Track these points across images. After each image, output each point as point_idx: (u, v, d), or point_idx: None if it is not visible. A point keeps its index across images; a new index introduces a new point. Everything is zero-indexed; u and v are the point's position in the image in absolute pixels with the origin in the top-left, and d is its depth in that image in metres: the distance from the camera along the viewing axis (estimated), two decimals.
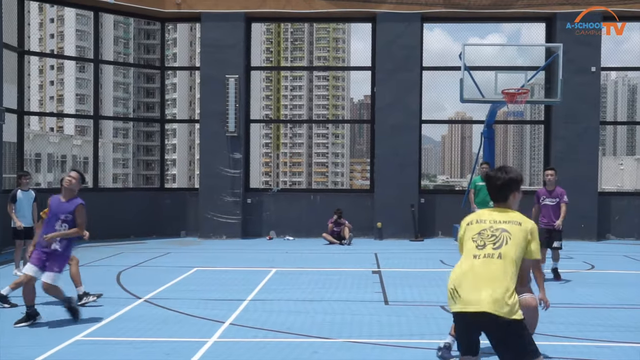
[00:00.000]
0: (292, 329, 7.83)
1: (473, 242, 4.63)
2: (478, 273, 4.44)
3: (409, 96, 18.41)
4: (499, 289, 4.32)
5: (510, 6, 18.34)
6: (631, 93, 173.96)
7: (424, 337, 7.50)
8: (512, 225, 4.60)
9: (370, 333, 7.67)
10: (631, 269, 13.16)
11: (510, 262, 4.44)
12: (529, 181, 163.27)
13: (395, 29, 18.37)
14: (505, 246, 4.49)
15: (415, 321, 8.29)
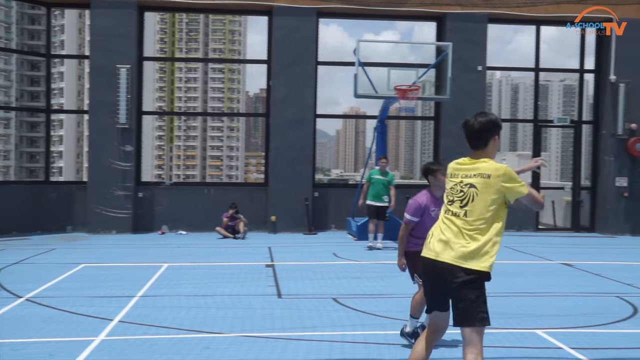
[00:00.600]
0: (184, 324, 7.69)
1: (447, 197, 4.78)
2: (445, 228, 4.64)
3: (304, 90, 18.47)
4: (458, 243, 4.50)
5: (403, 4, 18.69)
6: (514, 92, 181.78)
7: (316, 330, 7.54)
8: (481, 179, 4.61)
9: (262, 327, 7.64)
10: (509, 259, 13.67)
11: (476, 219, 4.53)
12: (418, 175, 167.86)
13: (292, 23, 18.37)
14: (471, 204, 4.57)
15: (308, 314, 8.32)
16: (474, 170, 4.69)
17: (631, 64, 19.20)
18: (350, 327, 7.72)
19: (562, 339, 7.19)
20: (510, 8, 18.93)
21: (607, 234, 19.15)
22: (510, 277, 11.18)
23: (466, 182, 4.67)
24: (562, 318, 8.24)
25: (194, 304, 8.82)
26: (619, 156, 19.28)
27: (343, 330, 7.56)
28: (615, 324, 8.09)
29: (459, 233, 4.56)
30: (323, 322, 7.91)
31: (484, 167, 4.66)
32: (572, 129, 20.82)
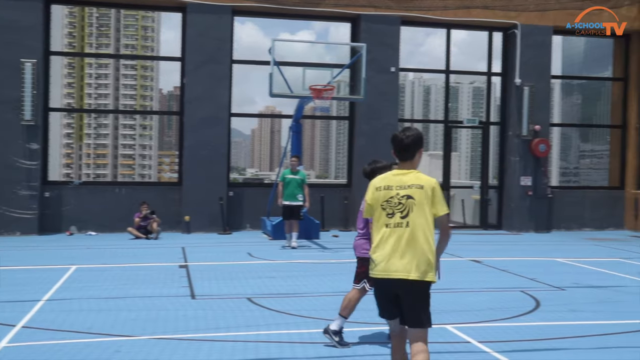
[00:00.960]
0: (93, 328, 7.49)
1: (383, 210, 4.93)
2: (391, 242, 4.83)
3: (219, 89, 18.32)
4: (408, 256, 4.78)
5: (318, 4, 18.79)
6: (426, 93, 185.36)
7: (230, 330, 7.48)
8: (415, 189, 4.87)
9: (176, 328, 7.52)
10: None
11: (417, 228, 4.81)
12: (334, 174, 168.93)
13: (206, 21, 18.19)
14: (411, 214, 4.83)
15: (222, 314, 8.25)
16: (408, 181, 4.94)
17: (534, 68, 19.99)
18: (264, 326, 7.70)
19: (470, 333, 7.39)
20: (422, 11, 19.32)
21: (512, 231, 19.82)
22: None
23: (402, 193, 4.89)
24: (470, 313, 8.47)
25: (105, 307, 8.60)
26: (523, 156, 19.99)
27: (257, 330, 7.53)
28: (519, 317, 8.39)
29: (405, 246, 4.82)
30: (237, 322, 7.86)
31: (416, 178, 4.95)
32: (480, 130, 21.42)
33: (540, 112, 20.18)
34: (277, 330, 7.53)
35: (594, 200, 21.03)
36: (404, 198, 4.87)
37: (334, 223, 19.01)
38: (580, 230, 20.50)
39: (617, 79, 21.97)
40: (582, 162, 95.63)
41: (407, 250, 4.80)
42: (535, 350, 6.89)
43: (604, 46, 23.36)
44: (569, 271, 12.40)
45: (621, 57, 21.69)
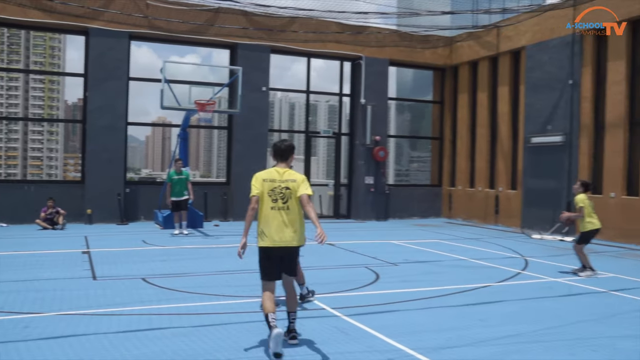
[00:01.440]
0: (4, 307, 6.98)
1: (269, 197, 5.64)
2: (275, 220, 5.60)
3: (117, 101, 17.60)
4: (290, 230, 5.63)
5: (203, 34, 18.47)
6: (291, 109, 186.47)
7: (127, 306, 7.22)
8: (292, 183, 5.66)
9: (79, 305, 7.16)
10: None
11: (294, 210, 5.65)
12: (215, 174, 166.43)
13: (106, 43, 17.40)
14: (290, 201, 5.63)
15: (119, 293, 7.94)
16: (287, 177, 5.70)
17: (375, 91, 20.65)
18: (156, 301, 7.49)
19: (325, 302, 7.53)
20: (287, 42, 19.44)
21: (359, 220, 20.33)
22: None
23: (284, 186, 5.66)
24: (325, 286, 8.60)
25: (14, 289, 8.04)
26: (367, 160, 20.58)
27: (150, 304, 7.32)
28: (363, 287, 8.63)
29: (288, 222, 5.63)
30: (133, 299, 7.59)
31: (292, 174, 5.74)
32: (334, 139, 21.82)
33: (380, 126, 20.84)
34: (167, 305, 7.34)
35: (420, 195, 21.99)
36: (285, 189, 5.64)
37: (215, 214, 18.76)
38: (409, 219, 21.36)
39: (435, 102, 23.05)
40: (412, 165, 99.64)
41: (288, 226, 5.62)
42: (376, 312, 7.12)
43: (426, 76, 24.44)
44: (401, 250, 12.88)
45: (438, 85, 22.80)
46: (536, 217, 17.58)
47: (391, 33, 21.02)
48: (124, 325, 6.35)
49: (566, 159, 16.68)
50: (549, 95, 17.34)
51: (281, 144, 5.87)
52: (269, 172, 5.76)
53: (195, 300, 7.60)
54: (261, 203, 5.65)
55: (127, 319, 6.59)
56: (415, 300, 7.82)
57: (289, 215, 5.63)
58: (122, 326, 6.29)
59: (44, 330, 6.07)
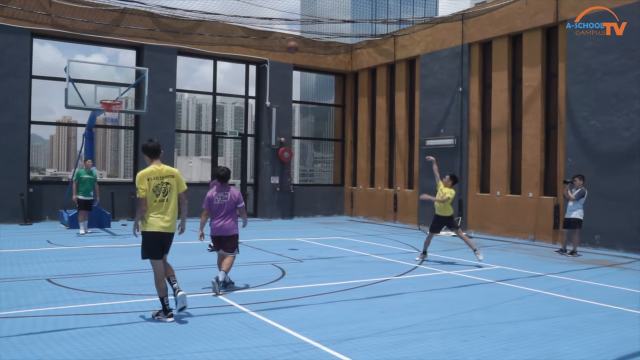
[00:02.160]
0: None
1: (154, 192, 6.44)
2: (159, 210, 6.42)
3: (19, 100, 16.55)
4: (171, 217, 6.50)
5: (108, 34, 17.75)
6: (198, 110, 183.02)
7: (31, 307, 6.81)
8: (171, 178, 6.57)
9: None
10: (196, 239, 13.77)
11: (173, 201, 6.55)
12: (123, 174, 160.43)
13: (6, 40, 16.32)
14: (169, 193, 6.53)
15: (23, 294, 7.47)
16: (166, 173, 6.56)
17: (280, 94, 20.71)
18: (62, 302, 7.12)
19: (233, 298, 7.46)
20: (194, 44, 19.09)
21: (265, 218, 20.29)
22: (195, 254, 11.27)
23: (165, 181, 6.51)
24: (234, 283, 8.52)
25: None
26: (272, 161, 20.57)
27: (56, 305, 6.95)
28: (270, 284, 8.62)
29: (168, 212, 6.47)
30: (37, 300, 7.17)
31: (169, 171, 6.60)
32: (240, 140, 21.64)
33: (285, 128, 20.90)
34: (73, 305, 7.00)
35: (324, 194, 22.26)
36: (166, 185, 6.51)
37: (122, 214, 18.08)
38: (314, 217, 21.57)
39: (337, 105, 23.43)
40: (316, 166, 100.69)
41: (168, 215, 6.47)
42: (281, 307, 7.13)
43: (329, 81, 24.81)
44: (306, 247, 12.98)
45: (340, 90, 23.19)
46: (431, 214, 18.25)
47: (295, 39, 21.14)
48: (29, 327, 5.98)
49: (457, 161, 17.46)
50: (442, 101, 18.09)
51: (150, 143, 6.66)
52: (151, 170, 6.49)
53: (102, 299, 7.29)
54: (149, 197, 6.42)
55: (32, 321, 6.22)
56: (320, 295, 7.90)
57: (169, 206, 6.50)
58: (26, 328, 5.93)
59: None
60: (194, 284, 8.34)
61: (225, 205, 8.00)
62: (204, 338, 5.69)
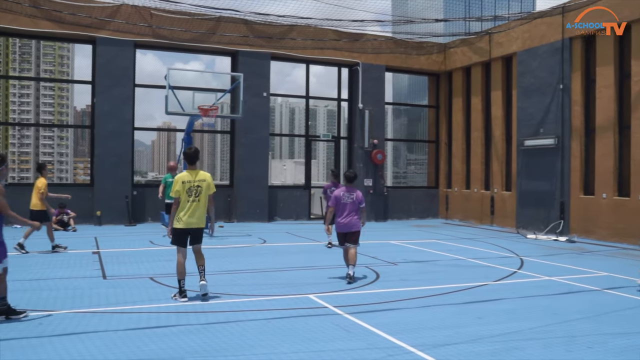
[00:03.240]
0: (19, 305, 6.92)
1: (186, 194, 7.43)
2: (190, 209, 7.44)
3: (124, 107, 17.59)
4: (199, 215, 7.52)
5: (205, 42, 18.47)
6: (291, 113, 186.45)
7: (136, 304, 7.19)
8: (202, 182, 7.52)
9: (90, 303, 7.14)
10: (290, 241, 14.05)
11: (202, 202, 7.54)
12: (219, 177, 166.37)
13: (112, 52, 17.41)
14: (200, 195, 7.50)
15: (129, 291, 7.92)
16: (199, 177, 7.54)
17: (372, 96, 20.64)
18: (164, 300, 7.46)
19: (328, 300, 7.49)
20: (286, 49, 19.44)
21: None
22: (289, 256, 11.45)
23: (197, 184, 7.48)
24: (327, 285, 8.58)
25: (29, 287, 8.03)
26: (366, 163, 20.55)
27: (158, 303, 7.28)
28: (365, 286, 8.59)
29: (198, 211, 7.48)
30: (141, 297, 7.56)
31: (202, 175, 7.57)
32: (333, 143, 21.79)
33: (378, 130, 20.82)
34: (174, 303, 7.30)
35: (418, 197, 21.95)
36: (197, 187, 7.47)
37: (219, 216, 18.72)
38: (408, 220, 21.33)
39: (431, 106, 23.03)
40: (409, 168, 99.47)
41: (197, 213, 7.46)
42: (376, 311, 7.08)
43: (422, 82, 24.48)
44: (400, 250, 12.85)
45: (433, 90, 22.78)
46: (530, 217, 17.54)
47: (387, 40, 21.02)
48: (134, 322, 6.31)
49: (558, 161, 16.65)
50: (541, 99, 17.31)
51: (190, 151, 7.65)
52: (187, 174, 7.50)
53: (202, 298, 7.55)
54: (182, 199, 7.40)
55: (137, 317, 6.56)
56: (415, 298, 7.78)
57: (199, 205, 7.48)
58: (131, 323, 6.26)
59: (57, 327, 6.04)
60: (282, 285, 8.47)
61: (350, 205, 9.07)
62: (299, 339, 5.75)
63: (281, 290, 8.09)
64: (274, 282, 8.73)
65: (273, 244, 13.59)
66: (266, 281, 8.84)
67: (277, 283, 8.69)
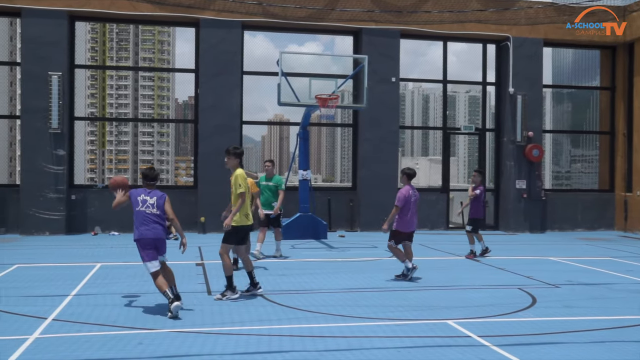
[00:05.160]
0: (117, 321, 7.51)
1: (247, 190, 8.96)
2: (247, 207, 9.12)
3: (231, 98, 18.35)
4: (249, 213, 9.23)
5: (322, 19, 18.81)
6: (425, 102, 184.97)
7: (244, 324, 7.48)
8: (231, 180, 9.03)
9: (193, 322, 7.53)
10: (424, 255, 13.95)
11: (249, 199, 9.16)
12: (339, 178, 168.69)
13: (218, 35, 18.23)
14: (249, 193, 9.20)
15: (236, 310, 8.25)
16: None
17: (526, 78, 19.98)
18: (276, 321, 7.69)
19: (471, 328, 7.36)
20: (420, 25, 19.33)
21: (508, 232, 19.75)
22: (422, 272, 11.37)
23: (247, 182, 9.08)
24: (470, 309, 8.44)
25: (127, 302, 8.63)
26: (518, 161, 19.93)
27: (270, 324, 7.52)
28: (517, 313, 8.35)
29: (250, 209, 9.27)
30: (251, 317, 7.85)
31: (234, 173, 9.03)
32: (477, 136, 21.38)
33: (533, 119, 20.13)
34: (288, 325, 7.51)
35: (586, 203, 20.95)
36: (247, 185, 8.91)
37: (340, 224, 18.99)
38: (573, 231, 20.43)
39: (604, 88, 21.90)
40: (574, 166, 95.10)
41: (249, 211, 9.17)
42: (532, 344, 6.84)
43: (592, 57, 23.31)
44: (563, 269, 12.35)
45: (608, 67, 21.62)
46: None
47: (545, 7, 20.24)
48: (242, 346, 6.58)
49: None
50: None
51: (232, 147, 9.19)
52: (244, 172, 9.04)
53: (319, 320, 7.72)
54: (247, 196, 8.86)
55: (245, 339, 6.83)
56: (583, 331, 7.45)
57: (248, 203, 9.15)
58: (239, 347, 6.53)
59: (157, 347, 6.44)
60: (415, 307, 8.42)
61: (415, 203, 10.88)
62: None
63: (413, 314, 8.07)
64: (405, 304, 8.73)
65: (428, 257, 13.53)
66: (395, 302, 8.86)
67: (409, 305, 8.68)
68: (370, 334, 7.07)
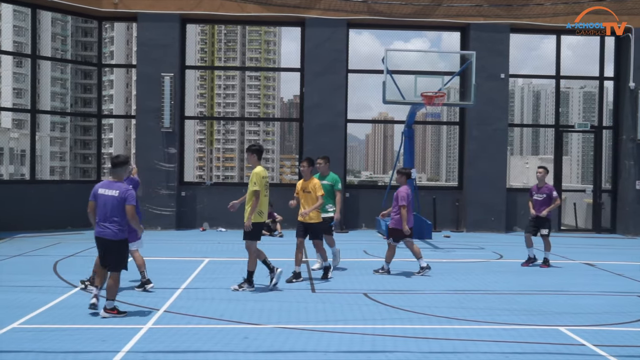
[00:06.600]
0: (224, 315, 7.74)
1: (265, 188, 9.35)
2: (265, 204, 9.52)
3: (335, 97, 18.48)
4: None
5: (429, 15, 18.62)
6: (535, 98, 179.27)
7: (348, 323, 7.53)
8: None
9: (298, 319, 7.66)
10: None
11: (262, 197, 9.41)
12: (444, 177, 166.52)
13: (323, 34, 18.41)
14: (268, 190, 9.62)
15: (340, 308, 8.31)
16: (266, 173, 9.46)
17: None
18: (380, 320, 7.69)
19: (585, 336, 7.08)
20: (531, 18, 18.75)
21: (628, 235, 18.83)
22: (532, 276, 11.06)
23: (267, 180, 9.50)
24: (584, 316, 8.13)
25: (234, 297, 8.87)
26: (638, 161, 18.96)
27: (373, 323, 7.53)
28: (637, 322, 7.95)
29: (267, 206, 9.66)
30: (354, 316, 7.89)
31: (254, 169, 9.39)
32: (592, 134, 20.52)
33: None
34: (391, 325, 7.49)
35: None
36: (267, 182, 9.43)
37: (445, 224, 18.74)
38: None
39: None
40: None
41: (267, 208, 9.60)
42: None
43: None
44: None
45: None
46: None
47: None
48: (345, 344, 6.63)
49: None
50: None
51: (260, 147, 9.65)
52: (264, 170, 9.36)
53: (423, 322, 7.66)
54: (262, 194, 9.23)
55: (349, 338, 6.87)
56: None
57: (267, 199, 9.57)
58: (343, 345, 6.58)
59: (262, 342, 6.60)
60: (526, 312, 8.19)
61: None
62: None
63: (523, 319, 7.86)
64: (514, 308, 8.51)
65: (512, 259, 13.23)
66: (503, 306, 8.65)
67: (518, 309, 8.46)
68: (476, 338, 6.94)
